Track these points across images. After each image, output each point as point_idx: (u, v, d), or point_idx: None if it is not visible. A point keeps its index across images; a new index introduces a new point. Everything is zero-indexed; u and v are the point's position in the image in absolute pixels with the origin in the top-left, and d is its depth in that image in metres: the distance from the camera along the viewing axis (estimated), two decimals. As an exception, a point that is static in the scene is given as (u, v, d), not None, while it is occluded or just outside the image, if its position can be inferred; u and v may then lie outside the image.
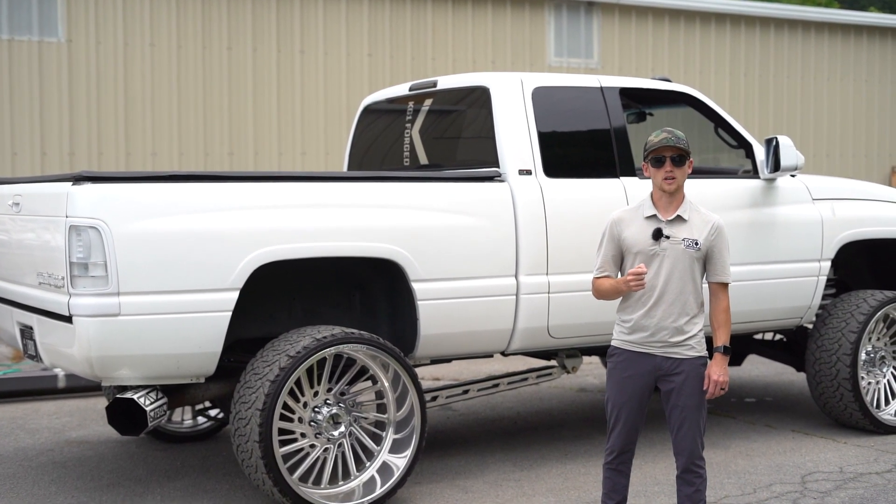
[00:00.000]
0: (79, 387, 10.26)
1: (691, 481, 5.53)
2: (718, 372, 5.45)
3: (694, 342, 5.49)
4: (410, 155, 8.30)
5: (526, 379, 8.13)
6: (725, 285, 5.57)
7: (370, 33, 15.89)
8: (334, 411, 6.62)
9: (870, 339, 8.59)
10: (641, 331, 5.50)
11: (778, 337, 9.65)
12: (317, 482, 6.59)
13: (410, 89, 8.42)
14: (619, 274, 5.63)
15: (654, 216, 5.51)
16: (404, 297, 7.01)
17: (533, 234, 7.27)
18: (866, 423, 8.50)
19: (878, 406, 8.63)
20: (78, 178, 6.16)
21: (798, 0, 37.88)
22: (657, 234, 5.46)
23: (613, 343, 5.65)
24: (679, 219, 5.49)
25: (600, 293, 5.65)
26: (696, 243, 5.45)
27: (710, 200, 7.83)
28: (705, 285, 5.61)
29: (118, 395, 6.53)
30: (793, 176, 8.50)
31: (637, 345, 5.53)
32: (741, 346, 9.71)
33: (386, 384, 6.80)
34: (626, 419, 5.60)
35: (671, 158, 5.47)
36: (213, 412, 8.60)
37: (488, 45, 16.77)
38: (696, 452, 5.51)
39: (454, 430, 8.95)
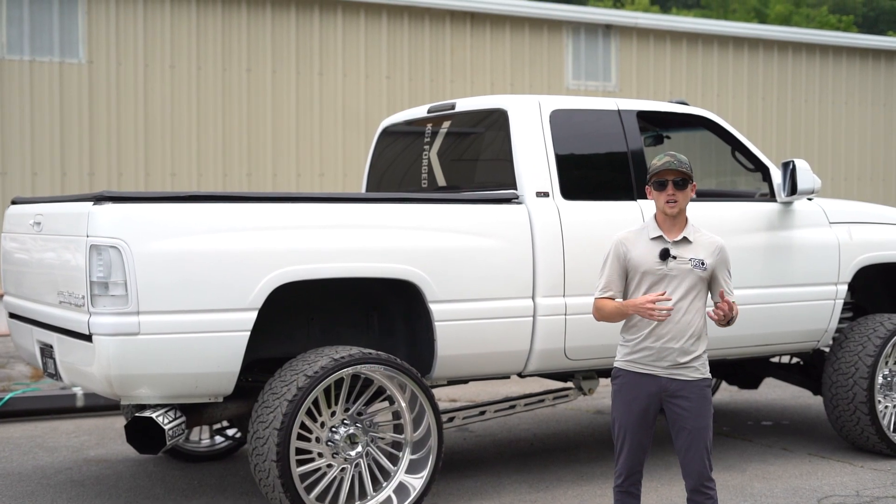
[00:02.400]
0: (97, 405, 10.29)
1: (702, 503, 5.54)
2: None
3: (699, 364, 5.50)
4: (428, 177, 8.34)
5: (542, 401, 8.15)
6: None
7: (389, 56, 15.98)
8: (351, 431, 6.65)
9: (886, 362, 8.58)
10: (646, 351, 5.51)
11: (794, 360, 9.64)
12: (334, 502, 6.60)
13: (429, 111, 8.46)
14: (623, 295, 5.64)
15: (659, 237, 5.54)
16: (422, 318, 7.04)
17: (550, 255, 7.29)
18: (883, 447, 8.48)
19: (894, 430, 8.60)
20: (99, 198, 6.21)
21: (815, 24, 37.96)
22: (664, 255, 5.49)
23: (617, 364, 5.66)
24: (685, 240, 5.52)
25: (602, 314, 5.64)
26: (703, 263, 5.47)
27: (727, 224, 7.87)
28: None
29: (137, 414, 6.57)
30: (810, 199, 8.51)
31: (641, 365, 5.53)
32: (758, 369, 9.69)
33: (403, 404, 6.82)
34: (633, 441, 5.61)
35: (673, 182, 5.50)
36: (230, 431, 8.63)
37: (507, 67, 16.84)
38: (705, 474, 5.52)
39: (470, 451, 8.97)
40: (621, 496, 5.71)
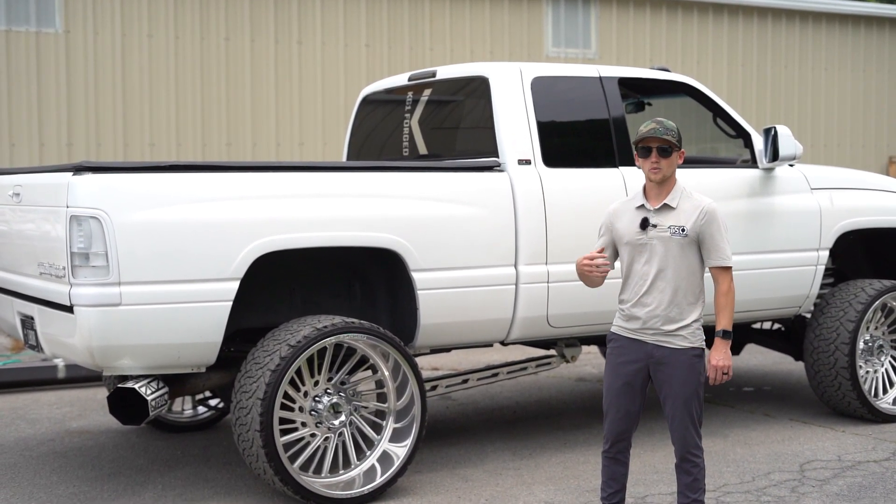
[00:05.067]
0: (79, 377, 10.27)
1: (689, 470, 5.55)
2: (718, 357, 5.45)
3: (686, 332, 5.47)
4: (409, 145, 8.31)
5: (525, 368, 8.16)
6: (725, 269, 5.53)
7: (368, 24, 15.88)
8: (335, 400, 6.65)
9: (868, 328, 8.61)
10: (634, 319, 5.53)
11: (776, 326, 9.67)
12: (317, 471, 6.61)
13: (409, 79, 8.43)
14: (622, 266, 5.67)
15: (642, 206, 5.54)
16: (404, 287, 7.03)
17: (532, 223, 7.28)
18: (864, 412, 8.53)
19: (875, 395, 8.65)
20: (79, 169, 6.17)
21: (795, -10, 37.79)
22: (644, 224, 5.49)
23: (612, 328, 5.68)
24: (666, 207, 5.50)
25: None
26: (683, 230, 5.45)
27: (708, 190, 7.83)
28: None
29: (119, 385, 6.55)
30: (791, 165, 8.52)
31: (631, 331, 5.55)
32: (739, 335, 9.72)
33: (386, 373, 6.82)
34: (621, 406, 5.61)
35: (657, 149, 5.49)
36: (213, 402, 8.63)
37: (486, 35, 16.77)
38: (692, 442, 5.52)
39: (454, 420, 8.98)
40: (608, 462, 5.72)
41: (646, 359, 5.52)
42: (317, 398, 6.61)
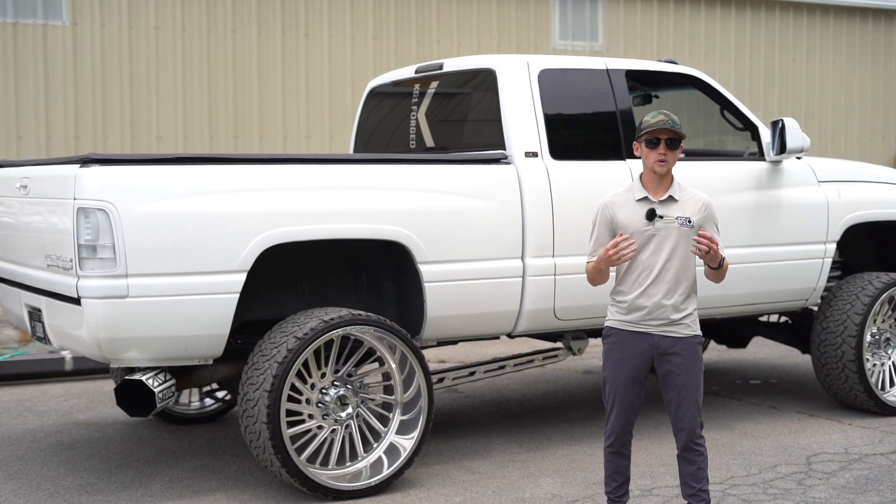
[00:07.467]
0: (86, 369, 10.28)
1: (693, 460, 5.54)
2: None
3: (689, 321, 5.50)
4: (416, 137, 8.31)
5: (532, 361, 8.15)
6: None
7: (375, 17, 15.89)
8: (341, 393, 6.65)
9: (875, 321, 8.60)
10: (638, 310, 5.50)
11: (783, 319, 9.66)
12: (324, 463, 6.62)
13: (416, 72, 8.42)
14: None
15: (645, 198, 5.53)
16: (411, 279, 7.03)
17: (539, 216, 7.28)
18: (871, 405, 8.52)
19: (882, 388, 8.64)
20: (86, 161, 6.17)
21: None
22: (651, 215, 5.47)
23: (608, 323, 5.64)
24: (670, 199, 5.50)
25: (591, 278, 5.64)
26: (690, 221, 5.45)
27: (715, 183, 7.86)
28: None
29: (126, 377, 6.56)
30: (798, 158, 8.50)
31: (633, 324, 5.53)
32: (746, 328, 9.71)
33: (393, 366, 6.82)
34: (625, 400, 5.60)
35: (666, 141, 5.47)
36: (220, 394, 8.63)
37: (493, 28, 16.76)
38: (696, 430, 5.52)
39: (460, 412, 8.98)
40: (612, 457, 5.71)
41: (650, 350, 5.51)
42: (324, 390, 6.62)
